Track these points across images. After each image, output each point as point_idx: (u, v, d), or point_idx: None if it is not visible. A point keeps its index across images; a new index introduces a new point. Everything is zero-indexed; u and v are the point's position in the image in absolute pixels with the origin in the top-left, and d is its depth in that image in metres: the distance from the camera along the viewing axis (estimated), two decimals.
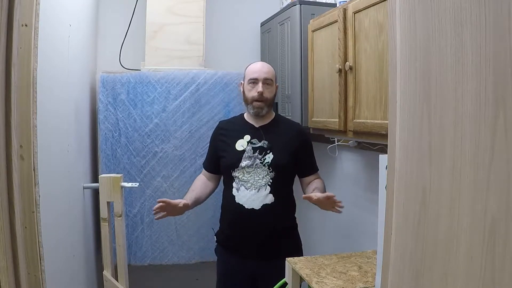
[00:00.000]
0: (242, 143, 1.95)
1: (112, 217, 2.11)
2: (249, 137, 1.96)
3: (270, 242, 1.92)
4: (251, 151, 1.93)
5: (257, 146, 1.94)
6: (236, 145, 1.95)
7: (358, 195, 2.21)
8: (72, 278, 1.86)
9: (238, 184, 1.92)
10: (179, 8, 2.55)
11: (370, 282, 1.51)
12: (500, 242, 0.49)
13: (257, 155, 1.92)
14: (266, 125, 2.00)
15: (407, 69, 0.67)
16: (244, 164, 1.91)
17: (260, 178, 1.90)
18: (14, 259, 1.10)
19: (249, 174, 1.90)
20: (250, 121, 2.02)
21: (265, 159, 1.92)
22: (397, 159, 0.70)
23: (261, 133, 1.97)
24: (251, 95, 1.94)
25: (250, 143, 1.95)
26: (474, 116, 0.52)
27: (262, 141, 1.94)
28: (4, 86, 1.07)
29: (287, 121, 2.10)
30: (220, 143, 2.03)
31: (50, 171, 1.48)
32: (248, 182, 1.90)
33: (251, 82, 1.95)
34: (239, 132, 1.99)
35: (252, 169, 1.91)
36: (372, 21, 1.52)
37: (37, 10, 1.20)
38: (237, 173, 1.92)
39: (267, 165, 1.91)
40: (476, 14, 0.52)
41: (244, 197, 1.90)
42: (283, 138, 1.98)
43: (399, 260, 0.70)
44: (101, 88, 2.40)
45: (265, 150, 1.93)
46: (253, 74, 1.95)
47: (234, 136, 1.99)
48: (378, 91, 1.50)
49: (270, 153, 1.92)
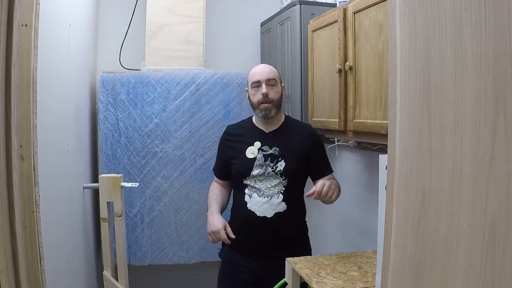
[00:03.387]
0: (252, 150, 1.88)
1: (112, 217, 2.11)
2: (259, 144, 1.89)
3: (280, 248, 1.88)
4: (262, 158, 1.86)
5: (268, 153, 1.87)
6: (247, 153, 1.88)
7: (358, 195, 2.21)
8: (72, 278, 1.86)
9: (250, 190, 1.86)
10: (179, 8, 2.55)
11: (370, 282, 1.51)
12: (500, 242, 0.49)
13: (269, 163, 1.86)
14: (276, 130, 1.92)
15: (407, 69, 0.67)
16: (256, 173, 1.85)
17: (273, 186, 1.84)
18: (14, 259, 1.10)
19: (261, 182, 1.84)
20: (260, 126, 1.94)
21: (277, 167, 1.85)
22: (397, 159, 0.70)
23: (271, 139, 1.90)
24: (256, 99, 1.87)
25: (260, 150, 1.87)
26: (474, 116, 0.52)
27: (273, 147, 1.88)
28: (4, 86, 1.07)
29: (297, 123, 2.03)
30: (229, 149, 1.96)
31: (50, 171, 1.48)
32: (260, 189, 1.84)
33: (254, 86, 1.88)
34: (249, 138, 1.91)
35: (264, 177, 1.85)
36: (372, 21, 1.52)
37: (37, 10, 1.20)
38: (249, 181, 1.86)
39: (279, 173, 1.85)
40: (476, 14, 0.52)
41: (256, 204, 1.84)
42: (295, 143, 1.91)
43: (399, 260, 0.69)
44: (101, 88, 2.40)
45: (276, 157, 1.86)
46: (255, 76, 1.88)
47: (243, 142, 1.91)
48: (378, 91, 1.50)
49: (282, 161, 1.86)
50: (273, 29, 2.53)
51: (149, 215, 2.47)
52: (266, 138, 1.90)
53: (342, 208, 2.36)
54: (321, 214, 2.62)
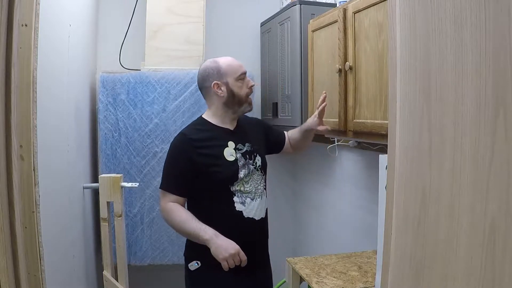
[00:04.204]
0: (230, 151, 1.72)
1: (112, 217, 2.11)
2: (233, 143, 1.74)
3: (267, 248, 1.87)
4: (242, 158, 1.73)
5: (244, 151, 1.75)
6: (225, 156, 1.71)
7: (358, 195, 2.21)
8: (72, 278, 1.86)
9: (241, 198, 1.71)
10: (179, 8, 2.55)
11: (370, 282, 1.51)
12: (500, 242, 0.49)
13: (248, 160, 1.75)
14: (238, 127, 1.82)
15: (407, 69, 0.67)
16: (243, 174, 1.71)
17: (258, 184, 1.77)
18: (14, 259, 1.10)
19: (247, 183, 1.72)
20: (222, 125, 1.77)
21: (256, 162, 1.78)
22: (397, 159, 0.70)
23: (240, 136, 1.78)
24: (245, 92, 1.75)
25: (237, 150, 1.74)
26: (474, 116, 0.52)
27: (245, 144, 1.77)
28: (4, 86, 1.07)
29: (243, 116, 1.90)
30: (200, 157, 1.68)
31: (50, 171, 1.48)
32: (251, 192, 1.73)
33: (240, 79, 1.75)
34: (220, 140, 1.74)
35: (249, 177, 1.74)
36: (372, 21, 1.52)
37: (37, 10, 1.20)
38: (237, 186, 1.70)
39: (259, 169, 1.79)
40: (476, 14, 0.52)
41: (253, 209, 1.72)
42: (256, 134, 1.87)
43: (399, 260, 0.69)
44: (101, 88, 2.40)
45: (252, 153, 1.78)
46: (241, 68, 1.76)
47: (217, 146, 1.72)
48: (378, 91, 1.50)
49: (257, 155, 1.80)
50: (273, 29, 2.53)
51: (149, 215, 2.47)
52: (235, 136, 1.77)
53: (342, 208, 2.36)
54: (321, 214, 2.62)
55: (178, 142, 1.74)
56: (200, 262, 1.72)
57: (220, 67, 1.75)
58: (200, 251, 1.68)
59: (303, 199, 2.89)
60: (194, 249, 1.75)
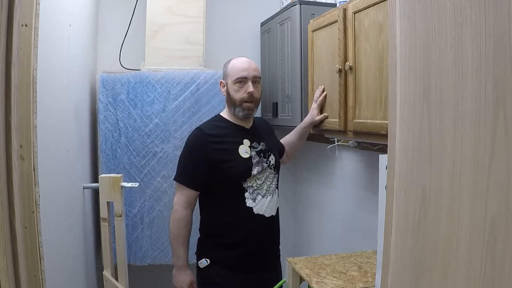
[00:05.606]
0: (245, 149, 1.78)
1: (112, 217, 2.11)
2: (248, 141, 1.80)
3: (277, 247, 1.90)
4: (256, 156, 1.79)
5: (259, 149, 1.82)
6: (240, 152, 1.76)
7: (358, 195, 2.21)
8: (72, 278, 1.86)
9: (253, 194, 1.76)
10: (179, 8, 2.55)
11: (370, 282, 1.51)
12: (500, 242, 0.49)
13: (262, 158, 1.80)
14: (253, 126, 1.88)
15: (407, 69, 0.67)
16: (256, 171, 1.76)
17: (271, 182, 1.82)
18: (14, 259, 1.10)
19: (260, 180, 1.78)
20: (238, 123, 1.83)
21: (270, 161, 1.83)
22: (397, 159, 0.70)
23: (255, 135, 1.84)
24: (240, 96, 1.76)
25: (252, 148, 1.80)
26: (474, 116, 0.52)
27: (261, 143, 1.83)
28: (4, 86, 1.07)
29: (259, 118, 2.07)
30: (215, 152, 1.74)
31: (50, 171, 1.48)
32: (262, 189, 1.78)
33: (238, 81, 1.77)
34: (235, 137, 1.79)
35: (262, 174, 1.79)
36: (372, 21, 1.52)
37: (37, 10, 1.20)
38: (249, 182, 1.76)
39: (273, 167, 1.84)
40: (476, 14, 0.52)
41: (263, 206, 1.77)
42: (269, 136, 1.94)
43: (399, 260, 0.69)
44: (101, 88, 2.40)
45: (267, 152, 1.84)
46: (241, 72, 1.77)
47: (232, 142, 1.78)
48: (378, 91, 1.50)
49: (271, 154, 1.86)
50: (273, 29, 2.53)
51: (149, 215, 2.47)
52: (250, 134, 1.83)
53: (342, 208, 2.36)
54: (321, 214, 2.62)
55: (194, 137, 1.79)
56: (209, 260, 1.78)
57: (227, 67, 1.82)
58: (210, 249, 1.79)
59: (303, 199, 2.89)
60: (204, 248, 1.83)
